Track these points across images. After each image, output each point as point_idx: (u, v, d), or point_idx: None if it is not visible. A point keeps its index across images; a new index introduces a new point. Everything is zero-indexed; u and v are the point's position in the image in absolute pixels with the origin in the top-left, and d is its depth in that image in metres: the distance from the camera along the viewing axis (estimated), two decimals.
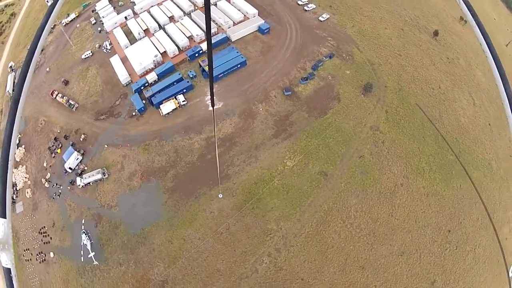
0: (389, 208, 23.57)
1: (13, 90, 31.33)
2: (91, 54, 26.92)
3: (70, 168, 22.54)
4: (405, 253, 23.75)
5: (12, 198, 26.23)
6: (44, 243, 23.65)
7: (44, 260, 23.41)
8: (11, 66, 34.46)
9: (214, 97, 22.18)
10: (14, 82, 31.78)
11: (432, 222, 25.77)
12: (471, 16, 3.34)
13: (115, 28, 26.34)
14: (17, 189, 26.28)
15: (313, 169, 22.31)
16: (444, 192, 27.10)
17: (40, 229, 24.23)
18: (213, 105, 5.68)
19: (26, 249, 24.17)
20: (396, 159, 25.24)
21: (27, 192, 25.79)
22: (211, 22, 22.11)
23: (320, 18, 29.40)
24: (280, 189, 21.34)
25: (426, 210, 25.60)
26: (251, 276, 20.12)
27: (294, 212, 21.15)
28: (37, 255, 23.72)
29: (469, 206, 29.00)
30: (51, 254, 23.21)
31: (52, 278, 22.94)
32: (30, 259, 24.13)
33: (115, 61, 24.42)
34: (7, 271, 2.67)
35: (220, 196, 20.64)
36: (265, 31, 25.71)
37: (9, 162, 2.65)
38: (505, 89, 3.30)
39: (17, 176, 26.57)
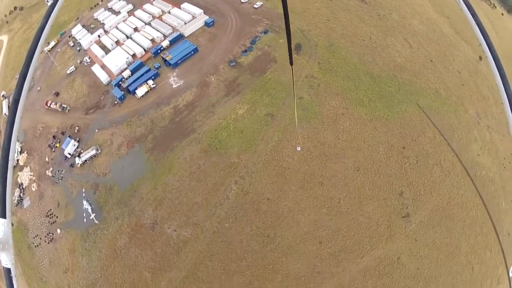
0: (334, 133, 33.38)
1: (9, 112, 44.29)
2: (74, 68, 39.71)
3: (69, 154, 33.09)
4: (361, 168, 32.68)
5: (20, 197, 36.42)
6: (51, 223, 32.70)
7: (52, 239, 32.22)
8: (3, 94, 48.10)
9: (176, 78, 34.87)
10: (8, 105, 45.06)
11: (382, 141, 35.16)
12: (471, 16, 3.84)
13: (91, 45, 40.57)
14: (24, 187, 36.69)
15: (260, 112, 33.06)
16: (389, 117, 37.24)
17: (47, 213, 33.44)
18: (291, 63, 5.78)
19: (35, 236, 33.13)
20: (334, 96, 36.06)
21: (33, 186, 35.90)
22: (168, 25, 37.14)
23: (255, 6, 43.99)
24: (236, 131, 31.81)
25: (372, 132, 35.27)
26: (224, 203, 29.06)
27: (249, 146, 31.11)
28: (45, 237, 32.61)
29: (421, 126, 38.91)
30: (58, 231, 32.13)
31: (60, 253, 31.50)
32: (40, 244, 32.86)
33: (96, 68, 37.09)
34: (7, 271, 3.03)
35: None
36: (210, 24, 39.66)
37: (9, 162, 3.05)
38: (505, 89, 3.73)
39: (23, 176, 37.02)
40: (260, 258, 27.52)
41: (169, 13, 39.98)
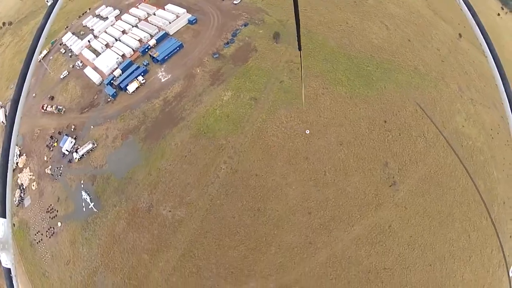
0: (315, 111, 36.90)
1: (6, 120, 48.27)
2: (67, 73, 44.16)
3: (67, 150, 36.63)
4: (344, 142, 35.95)
5: (21, 197, 39.51)
6: (51, 218, 35.62)
7: (53, 233, 35.05)
8: (0, 104, 52.71)
9: (164, 73, 38.95)
10: (5, 114, 49.04)
11: (363, 116, 38.61)
12: (471, 16, 3.91)
13: (82, 50, 45.01)
14: (24, 187, 39.82)
15: (244, 97, 36.80)
16: (369, 93, 40.93)
17: (47, 208, 36.47)
18: (300, 49, 6.41)
19: (37, 233, 36.02)
20: (313, 78, 39.88)
21: (33, 185, 39.05)
22: (154, 26, 42.13)
23: (234, 2, 48.90)
24: (222, 116, 35.41)
25: (353, 108, 38.79)
26: (215, 182, 32.15)
27: (236, 128, 34.58)
28: (46, 232, 35.45)
29: (402, 101, 42.50)
30: (59, 224, 34.98)
31: (61, 246, 34.26)
32: (41, 239, 35.68)
33: (88, 70, 41.34)
34: (7, 271, 3.08)
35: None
36: (193, 22, 44.28)
37: (9, 163, 3.12)
38: (505, 89, 3.84)
39: (23, 177, 40.35)
40: (253, 232, 30.34)
41: (154, 14, 44.86)
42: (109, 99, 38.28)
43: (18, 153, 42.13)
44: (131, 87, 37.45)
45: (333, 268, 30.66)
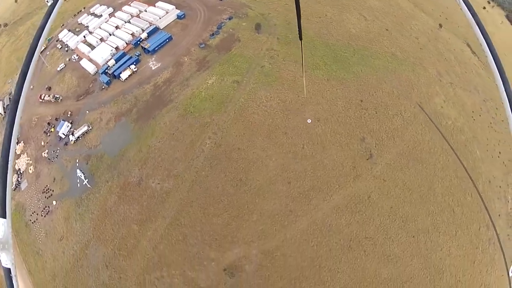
0: (293, 92, 42.27)
1: (4, 112, 53.99)
2: (64, 66, 50.33)
3: (63, 134, 41.87)
4: (321, 119, 41.02)
5: (18, 181, 44.00)
6: (47, 198, 39.91)
7: (48, 212, 39.25)
8: None
9: (154, 62, 45.07)
10: (4, 107, 54.69)
11: (339, 96, 43.90)
12: (471, 16, 4.19)
13: (78, 44, 51.67)
14: (21, 172, 44.38)
15: (227, 80, 42.44)
16: (345, 76, 46.58)
17: (43, 189, 40.89)
18: (300, 38, 6.74)
19: (32, 213, 40.22)
20: (292, 63, 45.74)
21: (30, 169, 43.65)
22: (146, 21, 49.50)
23: None
24: (207, 97, 40.84)
25: (330, 89, 44.22)
26: (200, 155, 36.87)
27: (219, 108, 39.84)
28: (41, 211, 39.66)
29: (378, 83, 48.04)
30: (54, 203, 39.24)
31: (55, 223, 38.37)
32: (36, 219, 39.80)
33: (84, 62, 47.51)
34: (7, 271, 3.29)
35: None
36: (182, 16, 51.18)
37: (9, 163, 3.35)
38: (505, 89, 4.12)
39: (20, 163, 45.06)
40: (235, 200, 34.71)
41: (146, 11, 51.90)
42: (103, 87, 44.01)
43: (16, 141, 47.15)
44: (124, 75, 43.31)
45: (314, 236, 34.65)
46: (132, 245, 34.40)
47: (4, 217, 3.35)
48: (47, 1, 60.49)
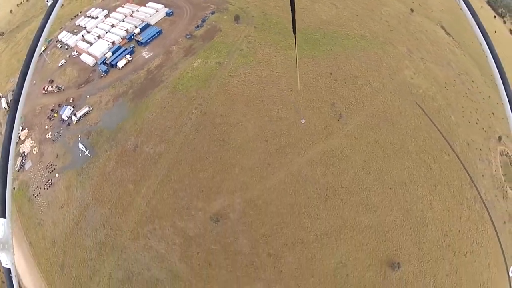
0: (268, 68, 53.87)
1: (8, 106, 65.81)
2: (65, 61, 63.55)
3: (66, 116, 53.03)
4: (294, 89, 52.10)
5: (22, 162, 54.01)
6: (50, 172, 49.64)
7: (51, 184, 48.76)
8: (0, 95, 70.92)
9: (147, 52, 58.01)
10: (7, 102, 66.70)
11: (310, 70, 55.35)
12: (471, 16, 4.62)
13: (77, 42, 65.23)
14: (25, 154, 54.49)
15: (211, 62, 54.49)
16: (316, 54, 58.55)
17: (47, 165, 50.72)
18: (294, 32, 7.56)
19: (36, 188, 49.74)
20: (267, 45, 58.09)
21: (34, 150, 53.87)
22: (138, 19, 64.20)
23: None
24: (193, 76, 52.54)
25: (302, 65, 55.75)
26: (188, 122, 47.35)
27: (204, 84, 51.23)
28: (44, 185, 49.15)
29: (346, 59, 59.81)
30: (56, 175, 48.81)
31: (57, 193, 47.77)
32: (39, 193, 49.20)
33: (83, 56, 60.77)
34: (7, 271, 3.60)
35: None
36: (170, 14, 65.40)
37: (9, 162, 3.65)
38: (505, 89, 4.46)
39: (25, 147, 55.47)
40: (219, 157, 44.54)
41: (138, 11, 66.30)
42: (102, 75, 56.32)
43: (21, 128, 58.47)
44: (120, 63, 55.82)
45: (291, 185, 43.83)
46: (128, 202, 43.64)
47: (4, 217, 3.65)
48: (47, 1, 76.14)
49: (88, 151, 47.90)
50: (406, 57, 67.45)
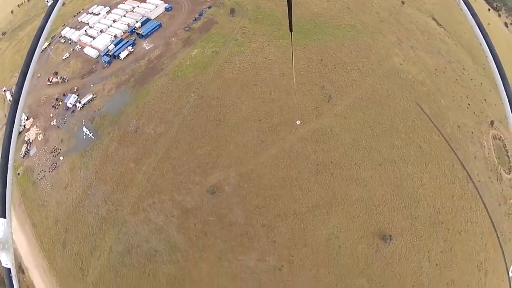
0: (262, 56, 60.03)
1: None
2: (69, 55, 70.59)
3: (71, 104, 59.09)
4: (286, 74, 58.16)
5: (27, 149, 59.60)
6: (54, 156, 55.10)
7: (55, 167, 54.09)
8: (4, 89, 77.51)
9: (147, 43, 64.88)
10: (12, 95, 72.83)
11: (302, 57, 61.62)
12: (471, 16, 4.85)
13: (80, 37, 72.41)
14: (30, 141, 60.09)
15: (208, 51, 60.88)
16: (307, 43, 64.81)
17: (51, 150, 56.21)
18: (291, 30, 8.29)
19: (40, 171, 55.07)
20: (261, 36, 64.58)
21: (39, 137, 59.55)
22: (139, 14, 71.87)
23: None
24: (191, 64, 58.75)
25: (296, 53, 61.69)
26: (186, 105, 53.11)
27: (202, 71, 57.33)
28: (49, 168, 54.52)
29: (337, 46, 65.96)
30: (61, 158, 54.19)
31: (61, 175, 53.11)
32: (44, 176, 54.53)
33: (87, 49, 67.74)
34: (7, 271, 3.74)
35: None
36: (169, 9, 72.83)
37: (9, 162, 3.79)
38: (505, 89, 4.68)
39: (30, 134, 61.24)
40: (215, 135, 49.97)
41: (138, 7, 73.73)
42: (105, 65, 62.87)
43: (26, 117, 64.65)
44: (123, 54, 62.47)
45: (284, 160, 48.90)
46: (129, 179, 48.79)
47: (4, 217, 3.77)
48: (47, 1, 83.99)
49: (92, 133, 53.55)
50: (395, 46, 73.58)
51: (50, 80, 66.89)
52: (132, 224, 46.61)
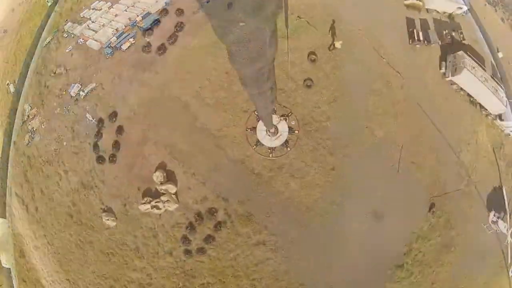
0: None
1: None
2: (71, 48, 75.67)
3: (74, 93, 63.79)
4: (281, 63, 62.73)
5: (31, 137, 64.09)
6: (57, 142, 59.55)
7: (58, 153, 58.57)
8: (7, 83, 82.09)
9: (147, 35, 69.88)
10: (15, 87, 77.76)
11: (298, 47, 66.43)
12: (471, 16, 18.28)
13: (83, 31, 77.26)
14: (34, 130, 64.64)
15: (205, 43, 66.10)
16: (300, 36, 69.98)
17: (55, 138, 60.70)
18: (287, 27, 20.81)
19: (44, 162, 59.67)
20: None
21: (43, 125, 64.11)
22: (139, 9, 76.74)
23: None
24: (189, 57, 63.83)
25: (291, 43, 67.02)
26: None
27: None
28: (53, 151, 59.05)
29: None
30: (64, 143, 58.69)
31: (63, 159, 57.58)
32: (47, 162, 59.02)
33: (90, 42, 72.68)
34: (7, 271, 14.78)
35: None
36: (169, 4, 78.50)
37: (9, 162, 16.39)
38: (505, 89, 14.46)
39: (34, 123, 65.80)
40: None
41: (139, 2, 78.77)
42: (107, 57, 67.66)
43: (29, 108, 69.25)
44: (125, 46, 67.46)
45: None
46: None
47: (4, 217, 8.27)
48: (47, 1, 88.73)
49: (94, 119, 58.29)
50: None
51: (54, 71, 71.50)
52: None
